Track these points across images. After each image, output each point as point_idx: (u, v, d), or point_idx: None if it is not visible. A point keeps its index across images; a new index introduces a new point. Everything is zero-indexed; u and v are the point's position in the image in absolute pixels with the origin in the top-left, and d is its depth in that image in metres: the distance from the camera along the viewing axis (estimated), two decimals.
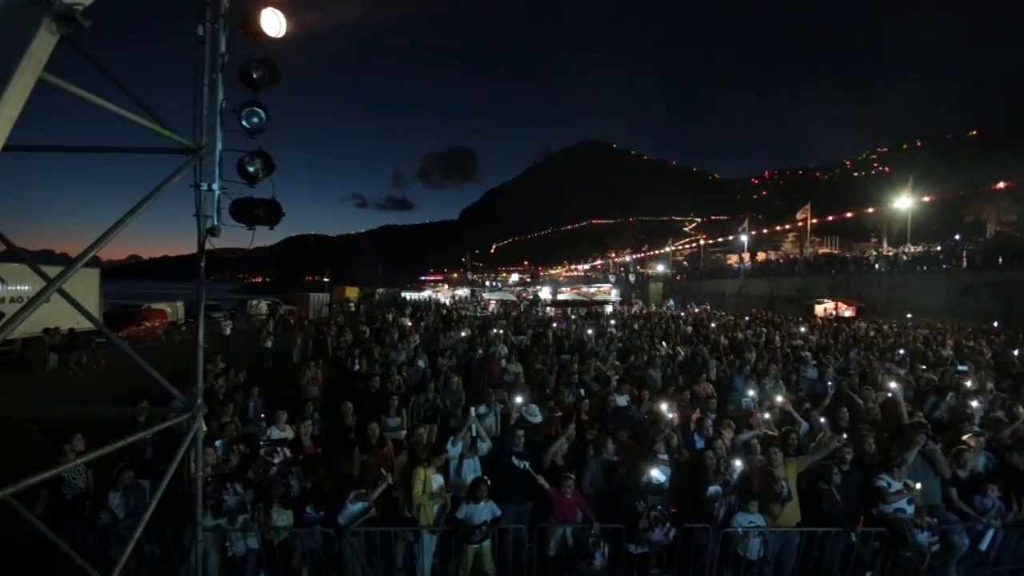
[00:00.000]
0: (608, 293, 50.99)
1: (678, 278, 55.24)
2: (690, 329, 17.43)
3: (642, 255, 77.32)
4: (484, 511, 4.89)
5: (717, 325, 18.79)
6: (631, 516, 4.78)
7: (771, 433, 6.28)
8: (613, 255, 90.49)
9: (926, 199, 37.17)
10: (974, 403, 7.38)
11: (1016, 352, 11.83)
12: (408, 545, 5.10)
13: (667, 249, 66.16)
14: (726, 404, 7.98)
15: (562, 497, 5.11)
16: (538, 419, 6.67)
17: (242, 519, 4.73)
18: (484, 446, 5.69)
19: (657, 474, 5.37)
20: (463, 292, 60.31)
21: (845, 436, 6.11)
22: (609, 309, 30.24)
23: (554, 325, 17.48)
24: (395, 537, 5.03)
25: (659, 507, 4.90)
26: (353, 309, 31.08)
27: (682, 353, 10.93)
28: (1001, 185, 39.99)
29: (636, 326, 17.66)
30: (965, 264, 24.73)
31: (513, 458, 5.43)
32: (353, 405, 6.83)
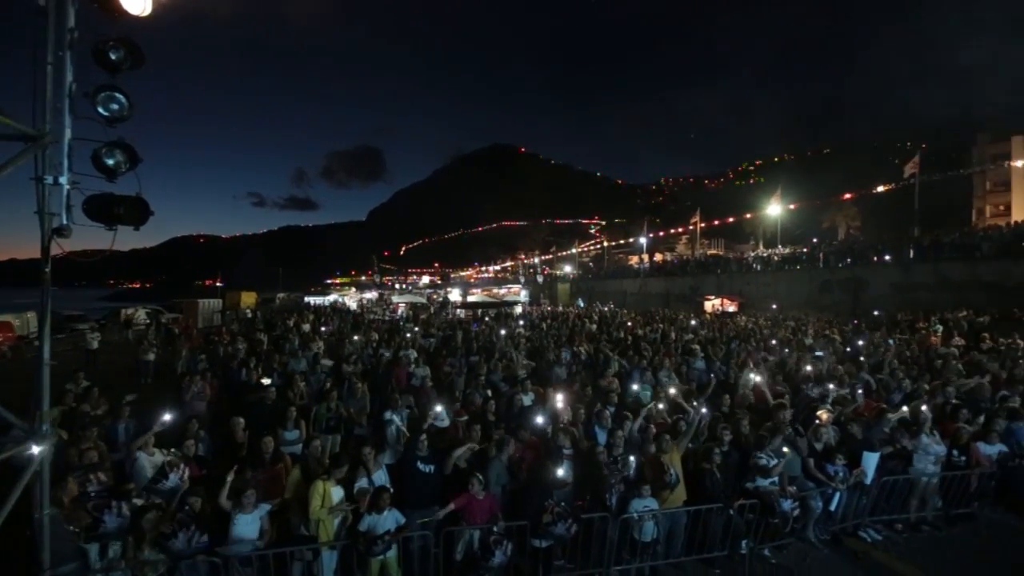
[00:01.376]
0: (517, 294, 51.99)
1: (590, 276, 57.64)
2: (595, 327, 18.26)
3: (550, 256, 79.80)
4: (388, 520, 4.76)
5: (618, 323, 19.86)
6: (536, 512, 4.91)
7: (660, 422, 6.77)
8: (522, 257, 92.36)
9: (791, 207, 42.34)
10: (830, 385, 8.52)
11: (861, 343, 13.75)
12: (306, 564, 4.83)
13: (573, 251, 68.99)
14: (625, 397, 8.47)
15: (475, 500, 5.13)
16: (445, 423, 6.63)
17: (113, 550, 4.19)
18: (389, 454, 5.56)
19: (561, 468, 5.57)
20: (371, 295, 58.30)
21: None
22: (519, 310, 30.84)
23: (475, 327, 17.46)
24: (291, 558, 4.74)
25: (563, 503, 5.09)
26: (249, 316, 28.77)
27: (584, 352, 11.40)
28: (848, 196, 46.83)
29: (544, 326, 18.15)
30: (821, 264, 28.42)
31: (418, 463, 5.35)
32: (246, 419, 6.35)
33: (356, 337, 13.21)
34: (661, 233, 64.62)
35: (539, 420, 6.51)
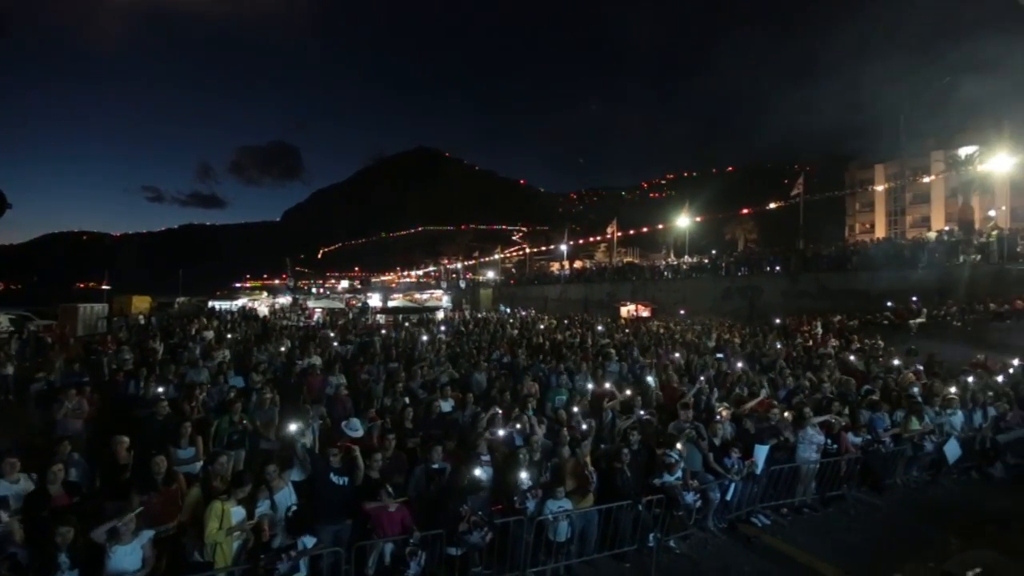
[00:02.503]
0: (440, 299, 51.49)
1: (512, 281, 58.32)
2: (516, 332, 18.52)
3: (474, 262, 79.95)
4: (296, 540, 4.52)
5: (542, 328, 20.28)
6: (452, 520, 4.88)
7: (572, 426, 7.01)
8: (446, 261, 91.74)
9: (698, 219, 45.76)
10: (728, 385, 9.24)
11: (767, 343, 15.05)
12: None
13: (497, 256, 69.59)
14: (544, 402, 8.67)
15: (386, 512, 4.99)
16: (360, 433, 6.41)
17: None
18: (298, 469, 5.25)
19: (480, 474, 5.59)
20: (284, 300, 55.05)
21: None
22: (441, 315, 30.56)
23: (383, 332, 17.02)
24: None
25: (479, 511, 5.10)
26: (143, 322, 26.02)
27: (506, 356, 11.54)
28: (745, 211, 51.60)
29: (464, 330, 18.14)
30: (723, 273, 30.87)
31: (331, 475, 5.14)
32: (133, 437, 5.74)
33: (265, 345, 12.41)
34: (581, 241, 67.09)
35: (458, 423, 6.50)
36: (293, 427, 5.87)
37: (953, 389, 9.39)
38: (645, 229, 54.06)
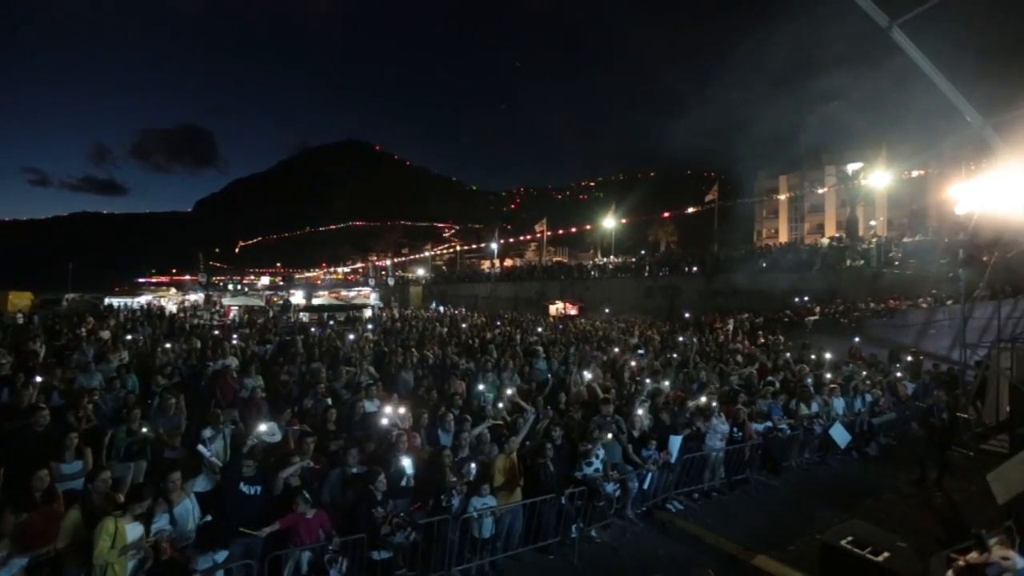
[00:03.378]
0: (368, 297, 49.96)
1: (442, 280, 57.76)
2: (445, 331, 18.37)
3: (403, 259, 78.40)
4: (204, 556, 4.23)
5: (469, 326, 20.26)
6: (374, 524, 4.77)
7: (499, 422, 7.10)
8: (375, 258, 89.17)
9: (623, 221, 47.79)
10: (647, 380, 9.74)
11: (681, 339, 15.98)
12: None
13: (427, 253, 68.70)
14: (470, 400, 8.68)
15: (303, 520, 4.78)
16: (277, 437, 6.10)
17: None
18: (203, 480, 4.89)
19: (406, 466, 5.50)
20: (196, 297, 51.02)
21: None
22: (368, 313, 29.67)
23: (311, 331, 16.26)
24: None
25: (402, 513, 5.03)
26: (21, 321, 23.07)
27: (431, 356, 11.42)
28: (667, 214, 54.63)
29: (392, 329, 17.77)
30: (646, 272, 32.44)
31: (242, 485, 4.84)
32: (6, 450, 5.09)
33: (168, 345, 11.42)
34: (512, 240, 67.78)
35: (383, 422, 6.36)
36: (206, 432, 5.48)
37: (835, 377, 10.52)
38: (574, 229, 55.58)
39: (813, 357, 13.18)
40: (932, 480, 8.14)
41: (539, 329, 19.14)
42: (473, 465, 5.84)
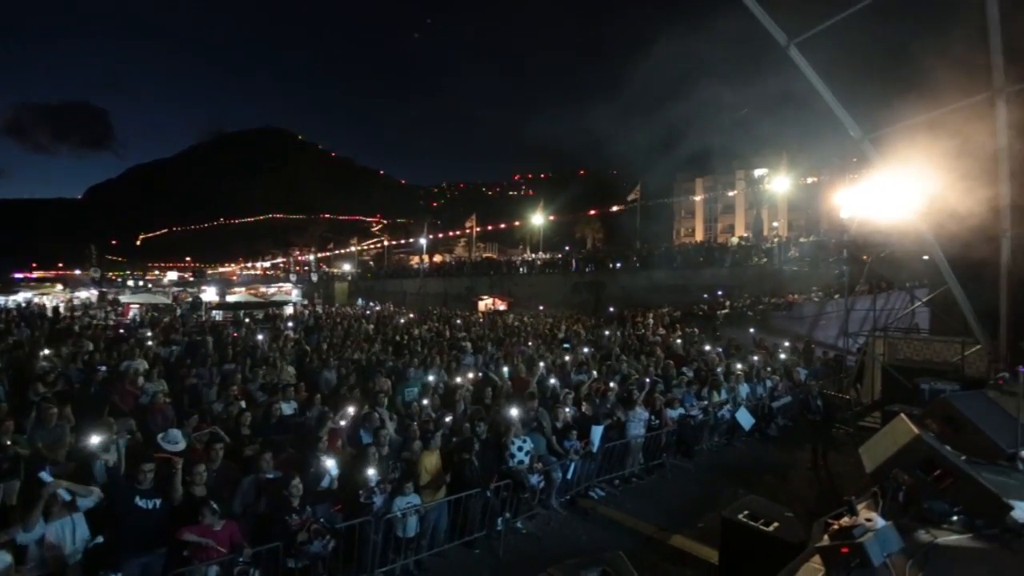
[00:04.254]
0: (289, 293, 47.40)
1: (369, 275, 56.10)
2: (372, 328, 17.88)
3: (328, 254, 75.23)
4: None
5: (397, 323, 19.86)
6: (287, 532, 4.57)
7: (426, 419, 7.03)
8: (297, 253, 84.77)
9: (551, 218, 48.85)
10: (571, 372, 10.03)
11: (607, 333, 16.57)
12: None
13: (353, 248, 66.37)
14: (395, 397, 8.52)
15: (210, 532, 4.47)
16: (181, 445, 5.65)
17: None
18: (89, 499, 4.41)
19: (322, 476, 5.31)
20: (88, 294, 45.92)
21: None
22: (290, 310, 28.22)
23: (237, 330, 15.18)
24: None
25: (321, 519, 4.84)
26: None
27: (358, 355, 11.10)
28: (593, 212, 56.56)
29: (312, 325, 17.05)
30: (573, 268, 33.36)
31: (137, 499, 4.45)
32: None
33: (47, 351, 10.19)
34: (441, 235, 67.11)
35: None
36: (94, 441, 4.96)
37: (742, 366, 11.43)
38: (503, 225, 56.02)
39: (722, 348, 14.20)
40: (821, 456, 9.07)
41: (468, 323, 19.16)
42: (399, 463, 5.75)
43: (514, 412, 6.92)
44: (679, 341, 15.09)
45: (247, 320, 20.83)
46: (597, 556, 3.34)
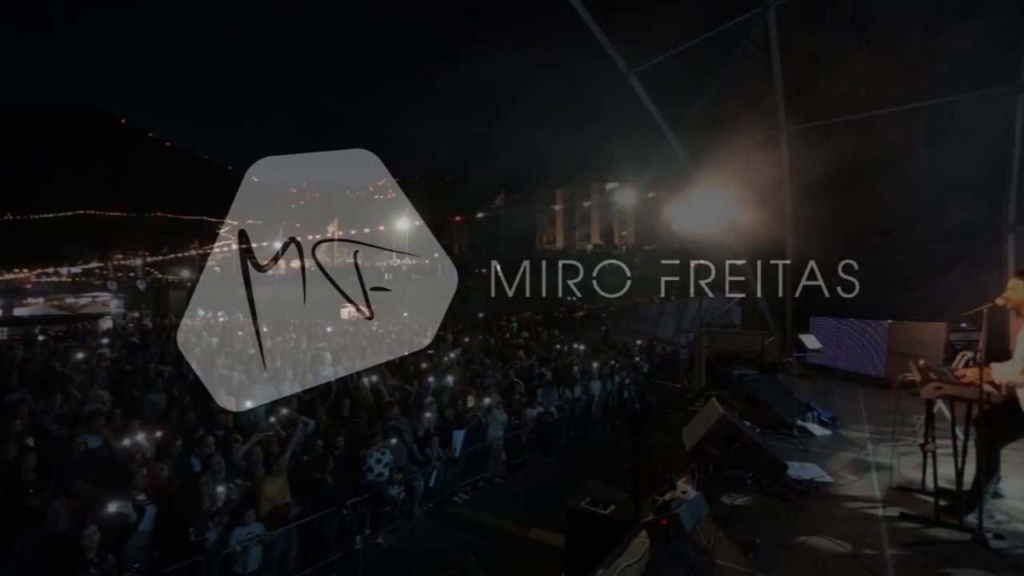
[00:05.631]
0: (106, 305, 40.19)
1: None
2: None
3: (161, 258, 65.57)
4: None
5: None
6: None
7: (274, 437, 6.48)
8: (120, 256, 72.50)
9: (418, 223, 48.40)
10: (430, 378, 9.99)
11: (467, 339, 16.77)
12: None
13: (193, 252, 58.69)
14: (239, 416, 7.70)
15: None
16: None
17: None
18: None
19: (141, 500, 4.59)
20: None
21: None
22: (108, 324, 23.95)
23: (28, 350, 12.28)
24: None
25: (136, 565, 4.17)
26: None
27: (191, 372, 9.83)
28: (459, 218, 57.48)
29: (138, 342, 14.77)
30: (439, 274, 33.44)
31: None
32: None
33: None
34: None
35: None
36: None
37: (596, 364, 12.42)
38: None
39: (580, 347, 15.29)
40: (642, 448, 10.16)
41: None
42: (225, 489, 5.17)
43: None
44: (540, 343, 15.92)
45: (41, 338, 17.28)
46: (447, 560, 3.35)
